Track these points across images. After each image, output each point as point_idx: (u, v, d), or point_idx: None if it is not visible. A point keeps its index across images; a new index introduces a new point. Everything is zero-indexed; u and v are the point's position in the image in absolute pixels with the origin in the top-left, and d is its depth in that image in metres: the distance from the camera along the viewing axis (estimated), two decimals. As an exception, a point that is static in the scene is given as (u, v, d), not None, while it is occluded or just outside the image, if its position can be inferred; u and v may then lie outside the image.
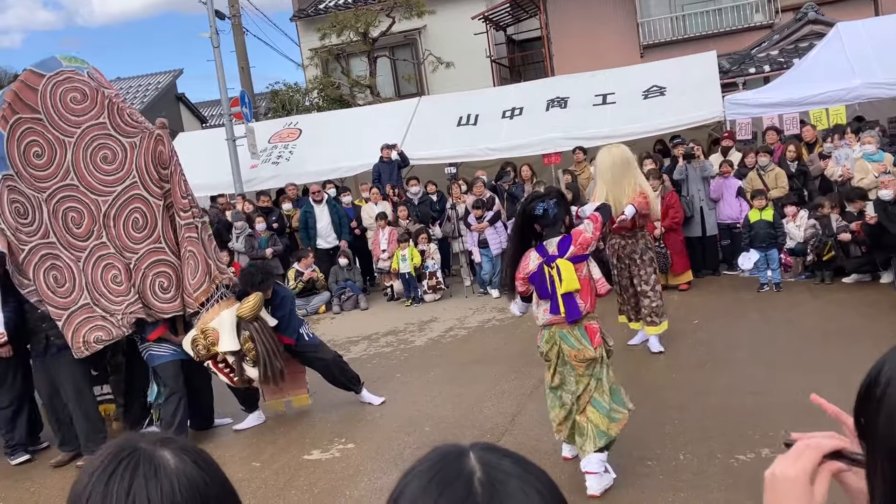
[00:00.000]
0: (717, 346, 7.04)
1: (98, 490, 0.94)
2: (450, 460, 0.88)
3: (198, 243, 6.04)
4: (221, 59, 13.96)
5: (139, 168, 6.01)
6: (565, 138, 12.12)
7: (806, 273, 9.49)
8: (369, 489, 4.93)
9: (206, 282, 6.00)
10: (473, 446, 0.91)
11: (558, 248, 4.54)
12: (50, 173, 5.94)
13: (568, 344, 4.54)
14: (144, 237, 6.02)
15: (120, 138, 6.03)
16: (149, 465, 0.97)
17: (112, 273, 5.99)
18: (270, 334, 6.03)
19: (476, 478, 0.85)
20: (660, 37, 19.49)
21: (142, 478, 0.95)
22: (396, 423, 6.11)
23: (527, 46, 23.48)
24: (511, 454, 0.91)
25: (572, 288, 4.44)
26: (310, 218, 11.73)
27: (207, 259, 6.05)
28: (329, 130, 14.55)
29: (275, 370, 5.98)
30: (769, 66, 14.92)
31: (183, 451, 1.02)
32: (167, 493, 0.95)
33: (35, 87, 5.93)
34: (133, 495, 0.94)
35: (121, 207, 6.01)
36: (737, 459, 4.64)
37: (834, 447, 0.97)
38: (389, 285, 11.58)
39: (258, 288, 6.07)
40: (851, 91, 10.70)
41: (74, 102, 5.99)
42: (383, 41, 20.39)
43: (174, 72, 26.00)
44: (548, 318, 4.57)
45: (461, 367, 7.52)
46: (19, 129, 5.86)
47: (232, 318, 5.88)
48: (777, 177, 9.96)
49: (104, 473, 0.96)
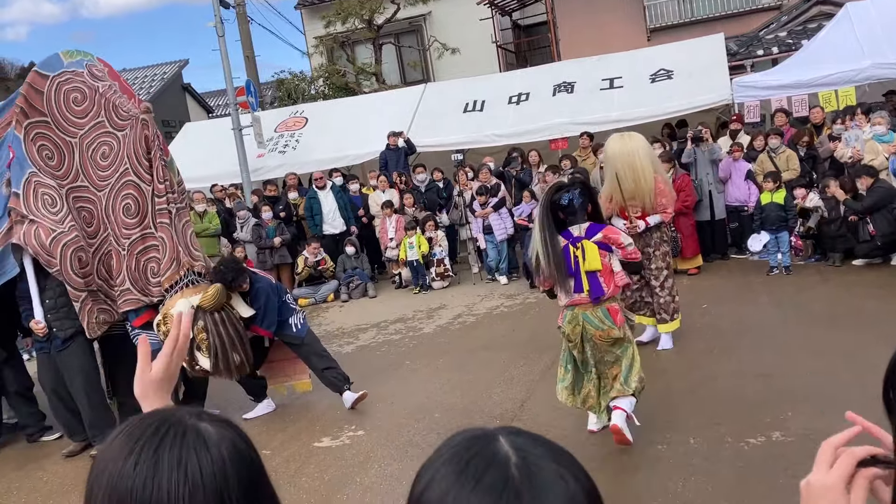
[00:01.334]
0: (727, 331, 7.02)
1: (147, 458, 0.94)
2: (481, 446, 0.86)
3: (168, 229, 6.05)
4: (227, 49, 13.93)
5: (129, 155, 6.06)
6: (572, 123, 12.06)
7: (816, 256, 9.44)
8: (380, 476, 4.95)
9: (171, 268, 6.01)
10: (501, 430, 0.89)
11: (586, 232, 4.74)
12: (62, 174, 6.08)
13: (592, 325, 4.69)
14: (136, 223, 6.06)
15: (116, 133, 6.12)
16: (195, 435, 0.97)
17: (109, 263, 6.11)
18: (234, 327, 5.89)
19: (512, 463, 0.83)
20: (667, 20, 19.35)
21: (191, 447, 0.96)
22: (406, 409, 6.12)
23: (533, 31, 23.35)
24: (540, 438, 0.89)
25: (594, 267, 4.64)
26: (314, 204, 11.74)
27: (177, 245, 6.05)
28: (335, 119, 14.52)
29: (228, 363, 5.85)
30: (777, 47, 14.80)
31: (220, 423, 1.03)
32: (217, 460, 0.96)
33: (41, 91, 6.08)
34: (185, 464, 0.94)
35: (115, 196, 6.07)
36: (747, 443, 4.63)
37: (868, 453, 0.96)
38: (397, 273, 11.58)
39: (232, 285, 6.02)
40: (861, 72, 10.60)
41: (76, 103, 6.11)
42: (388, 28, 20.31)
43: (180, 62, 25.97)
44: (571, 298, 4.71)
45: (470, 353, 7.53)
46: (32, 132, 6.01)
47: (185, 307, 5.78)
48: (788, 159, 9.89)
49: (151, 442, 0.95)
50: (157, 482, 0.92)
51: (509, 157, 12.25)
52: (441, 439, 3.67)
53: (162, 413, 1.02)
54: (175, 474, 0.93)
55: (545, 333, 7.56)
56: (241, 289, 6.13)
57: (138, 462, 0.93)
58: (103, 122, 6.10)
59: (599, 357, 4.82)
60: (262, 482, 1.03)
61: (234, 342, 5.88)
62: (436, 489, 0.85)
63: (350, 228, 11.81)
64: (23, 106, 6.00)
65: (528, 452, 0.85)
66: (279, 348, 6.46)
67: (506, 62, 21.13)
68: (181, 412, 1.02)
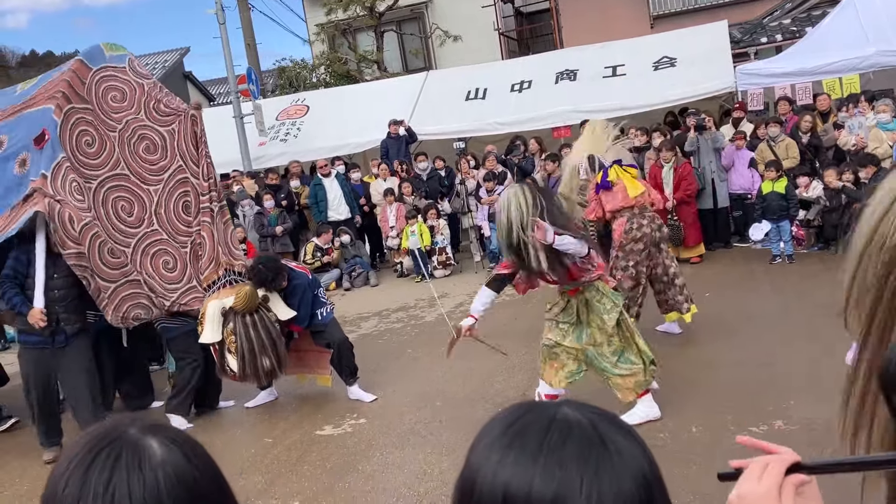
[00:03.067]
0: (729, 319, 7.00)
1: (76, 479, 0.87)
2: (551, 410, 0.88)
3: (210, 227, 6.07)
4: (228, 37, 13.89)
5: (182, 152, 6.09)
6: (575, 111, 12.00)
7: (819, 245, 9.41)
8: (382, 464, 4.95)
9: (210, 267, 6.01)
10: (556, 403, 0.90)
11: None
12: (101, 162, 6.00)
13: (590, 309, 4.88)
14: (194, 219, 6.10)
15: (157, 128, 6.11)
16: (132, 454, 0.89)
17: (163, 259, 6.05)
18: (266, 330, 5.78)
19: (586, 425, 0.86)
20: (670, 7, 19.24)
21: (123, 469, 0.87)
22: (408, 398, 6.12)
23: (535, 19, 23.23)
24: (596, 408, 0.91)
25: None
26: (319, 191, 11.72)
27: (217, 244, 6.05)
28: (337, 106, 14.48)
29: (257, 368, 5.75)
30: (781, 35, 14.70)
31: (172, 440, 0.93)
32: (150, 486, 0.87)
33: (84, 80, 6.05)
34: (113, 487, 0.86)
35: (170, 193, 6.09)
36: (749, 432, 4.62)
37: (794, 460, 0.97)
38: (399, 261, 11.57)
39: (270, 286, 5.90)
40: (865, 59, 10.53)
41: (114, 101, 6.11)
42: (390, 15, 20.20)
43: (181, 50, 25.89)
44: None
45: (472, 342, 7.51)
46: (72, 117, 5.92)
47: (216, 309, 5.76)
48: (788, 147, 9.84)
49: (83, 462, 0.88)
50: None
51: (512, 144, 12.22)
52: (443, 427, 3.69)
53: (108, 427, 0.94)
54: (100, 500, 0.85)
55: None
56: (279, 287, 5.98)
57: (68, 482, 0.87)
58: (141, 118, 6.11)
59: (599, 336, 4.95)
60: (207, 499, 0.93)
61: (265, 346, 5.75)
62: (514, 469, 0.83)
63: (354, 217, 11.80)
64: (66, 91, 5.91)
65: (593, 416, 0.88)
66: (306, 338, 6.35)
67: (508, 50, 21.03)
68: (130, 426, 0.94)
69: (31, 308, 5.43)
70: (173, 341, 6.20)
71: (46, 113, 5.89)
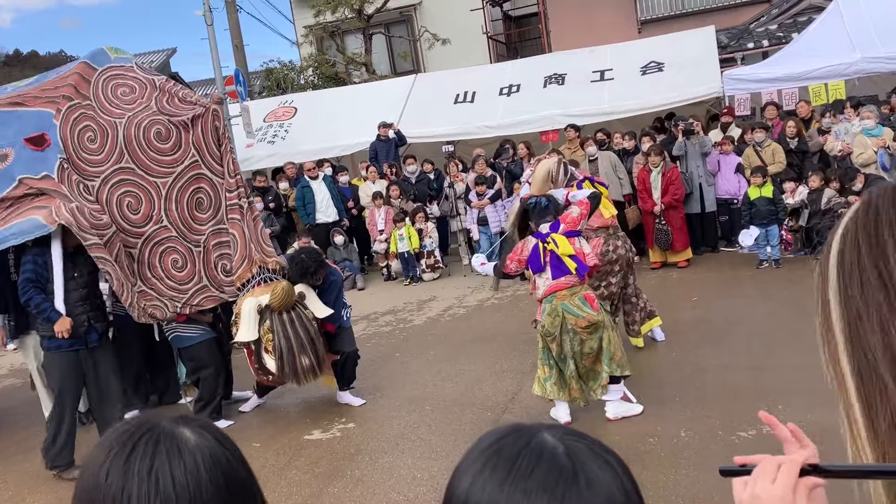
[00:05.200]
0: (717, 324, 7.03)
1: (118, 467, 0.91)
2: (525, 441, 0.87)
3: (240, 224, 5.90)
4: (215, 37, 13.80)
5: (199, 146, 5.89)
6: (563, 115, 12.02)
7: (805, 249, 9.48)
8: (371, 468, 4.93)
9: (243, 265, 5.84)
10: (539, 426, 0.90)
11: (550, 228, 5.15)
12: (104, 157, 5.80)
13: (571, 314, 4.96)
14: (209, 217, 5.93)
15: (169, 118, 5.91)
16: (170, 441, 0.94)
17: (172, 257, 5.90)
18: (305, 328, 5.59)
19: (560, 453, 0.84)
20: (657, 12, 19.36)
21: (164, 454, 0.92)
22: (397, 402, 6.11)
23: (523, 23, 23.29)
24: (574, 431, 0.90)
25: (568, 251, 5.00)
26: (307, 194, 11.67)
27: (248, 242, 5.88)
28: (325, 109, 14.44)
29: (296, 367, 5.54)
30: (768, 40, 14.81)
31: (202, 427, 0.99)
32: (191, 469, 0.92)
33: (89, 79, 5.96)
34: (155, 472, 0.91)
35: (183, 188, 5.89)
36: (738, 436, 4.65)
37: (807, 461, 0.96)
38: (386, 265, 11.55)
39: (311, 278, 5.81)
40: (851, 65, 10.61)
41: (124, 95, 5.97)
42: (378, 18, 20.18)
43: (168, 50, 25.77)
44: (549, 286, 5.04)
45: (460, 345, 7.52)
46: (73, 114, 5.79)
47: (252, 307, 5.59)
48: (774, 152, 9.91)
49: (123, 450, 0.92)
50: (128, 493, 0.89)
51: (501, 148, 12.23)
52: (432, 432, 3.68)
53: (140, 419, 0.98)
54: (146, 484, 0.90)
55: (534, 325, 7.56)
56: (318, 281, 5.89)
57: (110, 471, 0.91)
58: (153, 108, 5.93)
59: (578, 349, 5.03)
60: (246, 493, 0.99)
61: (304, 344, 5.56)
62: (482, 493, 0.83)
63: (342, 220, 11.76)
64: (67, 93, 5.81)
65: (572, 443, 0.86)
66: None
67: (496, 53, 21.06)
68: (161, 418, 0.99)
69: (62, 315, 5.18)
70: (187, 350, 6.00)
71: (46, 117, 5.77)
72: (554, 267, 5.02)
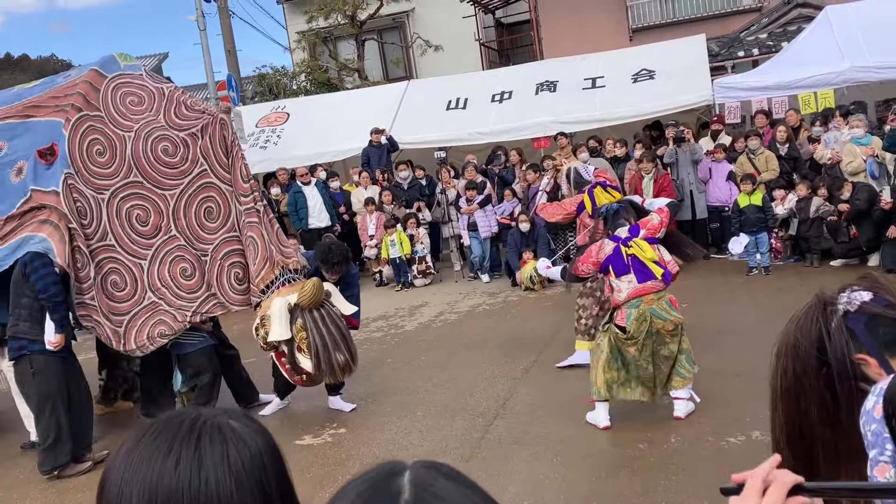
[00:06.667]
0: (707, 330, 7.06)
1: (188, 456, 0.96)
2: (382, 479, 0.87)
3: (259, 227, 5.85)
4: (208, 43, 13.87)
5: (207, 155, 5.87)
6: (555, 122, 12.07)
7: (795, 256, 9.54)
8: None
9: (265, 267, 5.78)
10: (414, 464, 0.89)
11: (630, 231, 5.24)
12: (113, 171, 5.77)
13: (659, 318, 5.00)
14: (219, 226, 5.90)
15: (178, 132, 5.89)
16: (230, 431, 1.00)
17: (181, 266, 5.87)
18: (336, 324, 5.54)
19: (403, 499, 0.83)
20: (649, 20, 19.47)
21: (230, 443, 0.99)
22: (388, 408, 6.11)
23: (515, 30, 23.39)
24: (451, 473, 0.88)
25: (653, 257, 5.06)
26: (300, 199, 11.67)
27: (268, 244, 5.84)
28: (317, 114, 14.44)
29: (332, 363, 5.44)
30: (758, 49, 14.92)
31: (244, 418, 1.05)
32: (255, 454, 1.00)
33: (98, 88, 5.89)
34: (227, 458, 0.97)
35: (191, 197, 5.86)
36: (727, 442, 4.68)
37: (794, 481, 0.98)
38: (378, 270, 11.56)
39: (334, 269, 5.82)
40: (840, 74, 10.70)
41: (133, 105, 5.92)
42: (371, 24, 20.24)
43: (160, 55, 25.75)
44: (633, 290, 5.04)
45: (452, 351, 7.53)
46: (82, 126, 5.72)
47: (282, 305, 5.52)
48: (767, 160, 9.98)
49: (190, 439, 0.98)
50: (204, 478, 0.95)
51: (493, 154, 12.26)
52: (423, 438, 3.72)
53: (187, 413, 1.03)
54: (220, 469, 0.96)
55: (527, 332, 7.59)
56: (341, 273, 5.88)
57: (180, 460, 0.96)
58: (160, 121, 5.90)
59: (657, 350, 5.04)
60: (287, 471, 1.08)
61: (337, 340, 5.51)
62: None
63: (334, 225, 11.76)
64: (76, 103, 5.74)
65: (424, 489, 0.84)
66: None
67: (488, 60, 21.14)
68: (206, 412, 1.04)
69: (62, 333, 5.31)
70: (186, 358, 5.97)
71: (56, 127, 5.71)
72: (638, 271, 5.04)
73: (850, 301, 1.42)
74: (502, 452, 4.98)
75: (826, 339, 1.41)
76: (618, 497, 4.22)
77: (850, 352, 1.39)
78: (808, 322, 1.45)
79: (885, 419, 1.10)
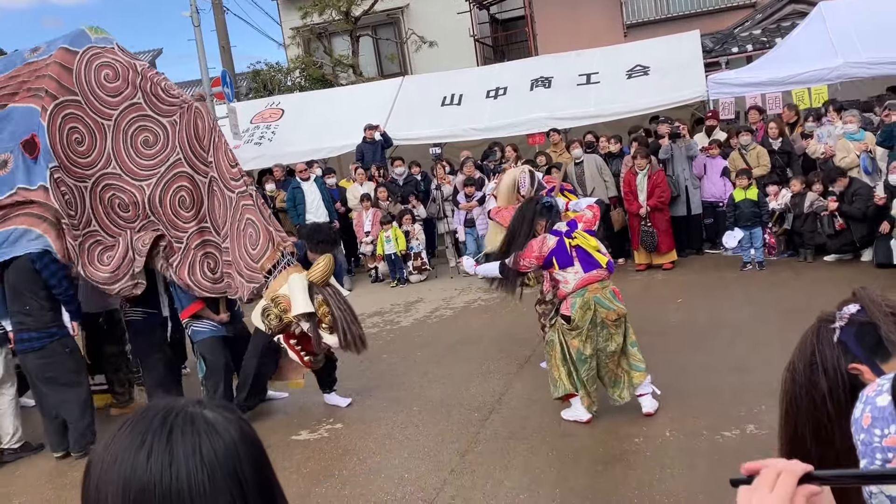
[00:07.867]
0: (701, 325, 7.10)
1: (160, 449, 0.96)
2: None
3: (255, 211, 5.82)
4: (202, 39, 13.77)
5: (182, 145, 5.85)
6: (549, 118, 12.10)
7: (789, 252, 9.58)
8: (358, 468, 4.95)
9: (269, 248, 5.73)
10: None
11: (569, 225, 5.30)
12: (92, 160, 5.79)
13: (603, 307, 5.03)
14: (192, 216, 5.89)
15: (160, 118, 5.85)
16: (203, 422, 1.00)
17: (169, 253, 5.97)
18: (345, 300, 5.64)
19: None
20: (643, 16, 19.46)
21: (202, 434, 0.98)
22: (384, 402, 6.12)
23: (510, 26, 23.35)
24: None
25: (596, 246, 5.16)
26: (298, 195, 11.64)
27: (267, 226, 5.81)
28: (312, 110, 14.43)
29: (354, 335, 5.53)
30: (752, 45, 14.94)
31: (221, 408, 1.05)
32: (229, 444, 0.99)
33: (70, 67, 5.78)
34: (199, 450, 0.97)
35: (166, 187, 5.85)
36: (722, 436, 4.71)
37: (804, 470, 0.99)
38: (374, 266, 11.56)
39: (318, 247, 5.87)
40: (834, 70, 10.74)
41: (108, 80, 5.83)
42: (366, 20, 20.19)
43: (154, 51, 25.61)
44: (580, 280, 5.07)
45: (447, 347, 7.55)
46: (60, 114, 5.68)
47: (303, 281, 5.53)
48: (759, 155, 10.00)
49: (161, 433, 0.97)
50: (175, 471, 0.95)
51: (489, 150, 12.27)
52: (419, 432, 3.74)
53: (163, 404, 1.03)
54: (192, 461, 0.96)
55: (523, 327, 7.61)
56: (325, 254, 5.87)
57: (151, 453, 0.96)
58: (140, 104, 5.83)
59: (603, 346, 5.07)
60: (266, 460, 1.07)
61: (353, 315, 5.60)
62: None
63: (332, 221, 11.75)
64: (49, 88, 5.66)
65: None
66: None
67: (483, 56, 21.11)
68: (182, 402, 1.04)
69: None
70: (201, 344, 6.08)
71: (33, 115, 5.67)
72: (583, 261, 5.11)
73: (841, 316, 1.47)
74: (498, 447, 5.01)
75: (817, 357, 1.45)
76: (613, 491, 4.25)
77: (841, 365, 1.42)
78: (804, 343, 1.52)
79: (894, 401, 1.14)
